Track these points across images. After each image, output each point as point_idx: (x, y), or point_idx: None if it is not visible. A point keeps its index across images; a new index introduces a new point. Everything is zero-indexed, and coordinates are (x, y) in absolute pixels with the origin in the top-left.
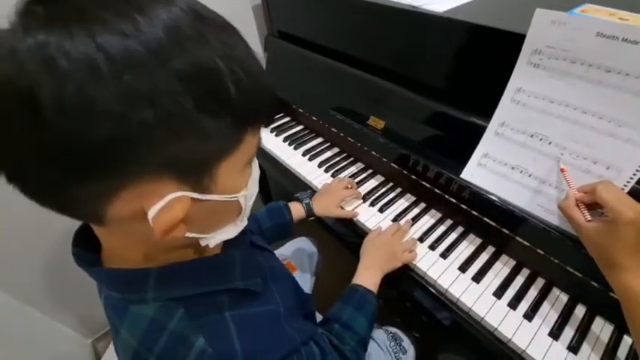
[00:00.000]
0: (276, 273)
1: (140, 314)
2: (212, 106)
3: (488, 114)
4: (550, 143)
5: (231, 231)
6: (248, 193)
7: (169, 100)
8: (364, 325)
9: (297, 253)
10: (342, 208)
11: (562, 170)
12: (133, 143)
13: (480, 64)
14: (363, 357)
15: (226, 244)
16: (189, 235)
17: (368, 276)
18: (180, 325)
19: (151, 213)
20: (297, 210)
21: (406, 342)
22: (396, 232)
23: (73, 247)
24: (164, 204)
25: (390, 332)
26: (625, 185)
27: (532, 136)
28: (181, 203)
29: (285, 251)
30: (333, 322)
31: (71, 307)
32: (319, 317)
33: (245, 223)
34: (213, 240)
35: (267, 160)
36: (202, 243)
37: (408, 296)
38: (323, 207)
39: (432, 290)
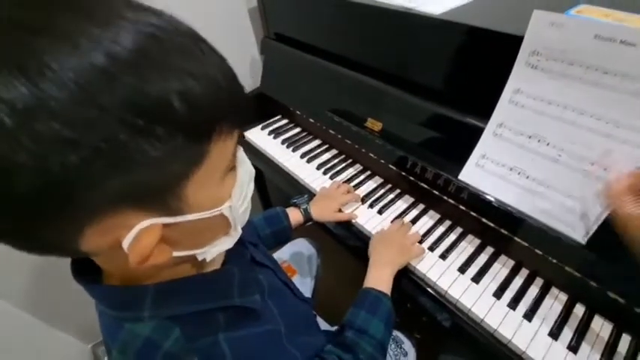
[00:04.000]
0: (276, 291)
1: (135, 333)
2: (154, 131)
3: (486, 115)
4: (548, 144)
5: (225, 242)
6: (233, 204)
7: (95, 138)
8: (380, 327)
9: (296, 256)
10: (340, 211)
11: (610, 152)
12: (66, 188)
13: (477, 65)
14: None
15: (226, 258)
16: (177, 254)
17: (379, 275)
18: (175, 346)
19: (125, 244)
20: (295, 216)
21: (407, 344)
22: (401, 227)
23: (72, 261)
24: (135, 234)
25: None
26: None
27: (530, 137)
28: (152, 231)
29: (284, 254)
30: (346, 329)
31: (71, 312)
32: (320, 321)
33: (239, 232)
34: (209, 254)
35: (265, 163)
36: (199, 258)
37: (408, 297)
38: (322, 212)
39: (432, 292)
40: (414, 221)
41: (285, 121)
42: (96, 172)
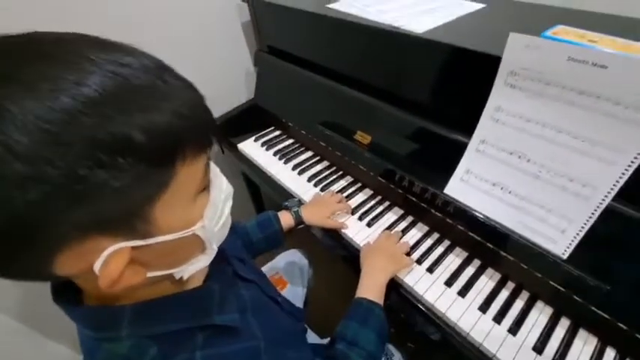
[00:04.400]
0: (261, 306)
1: (113, 353)
2: (115, 163)
3: (471, 131)
4: (529, 161)
5: (202, 260)
6: (205, 224)
7: (55, 174)
8: (371, 338)
9: (288, 267)
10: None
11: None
12: (31, 221)
13: (460, 83)
14: None
15: (208, 274)
16: (152, 274)
17: (370, 285)
18: None
19: (95, 268)
20: (286, 219)
21: (397, 357)
22: (390, 236)
23: (51, 284)
24: (104, 258)
25: None
26: (601, 203)
27: (511, 153)
28: (120, 255)
29: (276, 264)
30: (337, 342)
31: (62, 322)
32: (311, 333)
33: (214, 250)
34: (186, 272)
35: (257, 175)
36: (177, 276)
37: (397, 310)
38: (313, 215)
39: (419, 305)
40: (402, 233)
41: (277, 133)
42: (59, 206)
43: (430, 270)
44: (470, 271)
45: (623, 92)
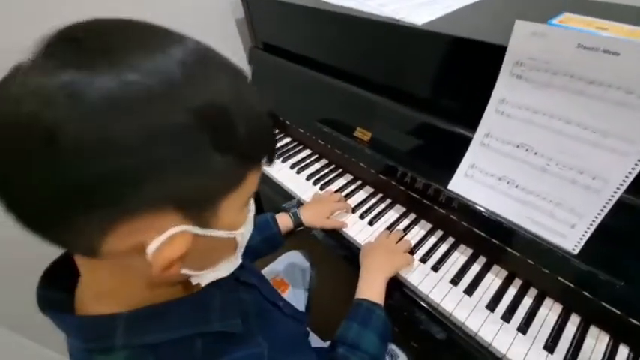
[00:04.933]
0: (262, 311)
1: None
2: (222, 144)
3: (475, 125)
4: (536, 154)
5: (225, 268)
6: (246, 230)
7: (186, 137)
8: (373, 341)
9: (289, 268)
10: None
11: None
12: (144, 178)
13: (464, 75)
14: None
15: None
16: (184, 272)
17: (370, 284)
18: None
19: (151, 248)
20: (284, 221)
21: (402, 358)
22: (391, 234)
23: (39, 289)
24: (165, 239)
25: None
26: (612, 196)
27: (518, 146)
28: (183, 238)
29: (276, 267)
30: (339, 345)
31: (60, 331)
32: (313, 336)
33: (239, 260)
34: (206, 278)
35: None
36: (194, 281)
37: (401, 309)
38: (312, 217)
39: (425, 305)
40: (405, 231)
41: (275, 132)
42: (172, 171)
43: (435, 268)
44: (476, 268)
45: (636, 80)
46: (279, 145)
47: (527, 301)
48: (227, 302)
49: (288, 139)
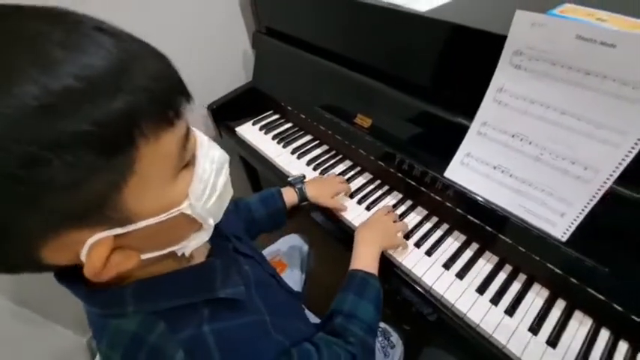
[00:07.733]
0: (262, 282)
1: (121, 329)
2: (59, 158)
3: (472, 113)
4: (530, 143)
5: (201, 235)
6: (193, 201)
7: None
8: (369, 309)
9: (288, 250)
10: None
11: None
12: (24, 212)
13: (462, 63)
14: (374, 343)
15: (210, 251)
16: (146, 256)
17: (365, 255)
18: (160, 340)
19: (82, 258)
20: (289, 195)
21: (395, 337)
22: (388, 213)
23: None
24: (86, 250)
25: (379, 327)
26: (602, 186)
27: (513, 136)
28: (102, 244)
29: (275, 248)
30: (335, 315)
31: (66, 305)
32: (310, 315)
33: (212, 225)
34: (187, 248)
35: (256, 159)
36: (178, 253)
37: (395, 292)
38: (317, 192)
39: (418, 287)
40: (401, 217)
41: (276, 117)
42: (11, 209)
43: (429, 253)
44: (468, 254)
45: (632, 72)
46: (280, 129)
47: (515, 286)
48: (229, 272)
49: (289, 124)
